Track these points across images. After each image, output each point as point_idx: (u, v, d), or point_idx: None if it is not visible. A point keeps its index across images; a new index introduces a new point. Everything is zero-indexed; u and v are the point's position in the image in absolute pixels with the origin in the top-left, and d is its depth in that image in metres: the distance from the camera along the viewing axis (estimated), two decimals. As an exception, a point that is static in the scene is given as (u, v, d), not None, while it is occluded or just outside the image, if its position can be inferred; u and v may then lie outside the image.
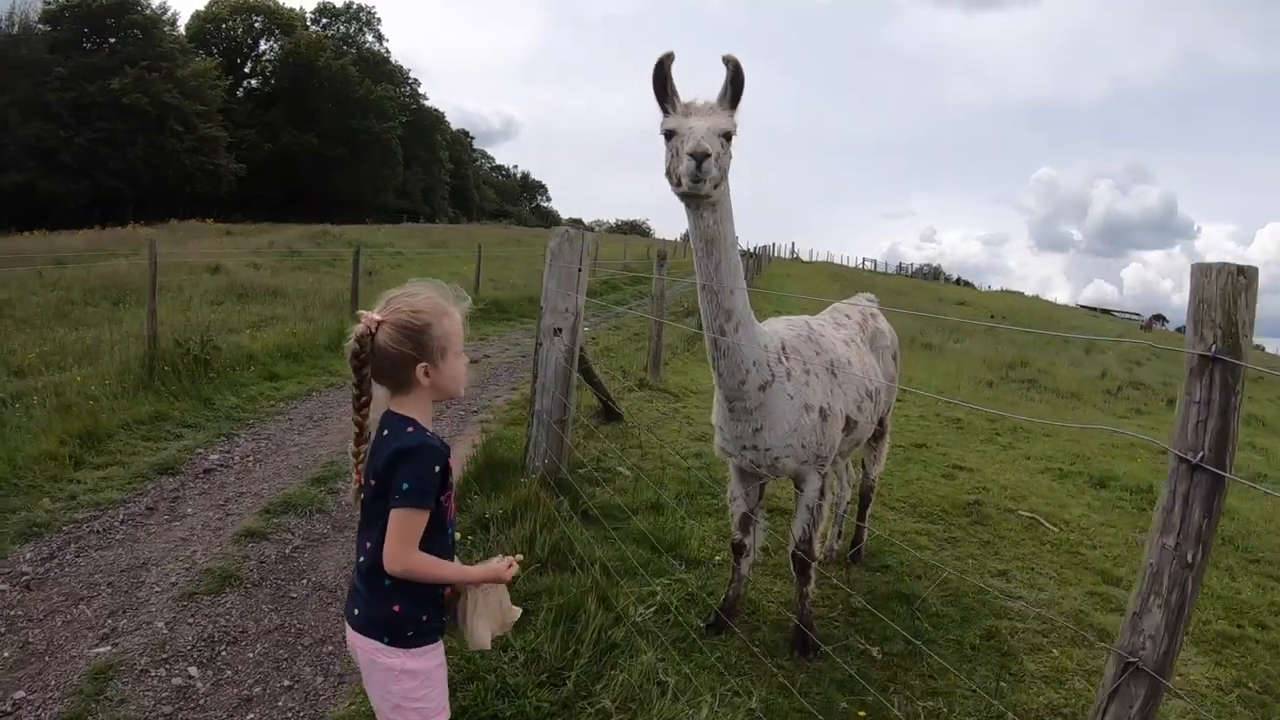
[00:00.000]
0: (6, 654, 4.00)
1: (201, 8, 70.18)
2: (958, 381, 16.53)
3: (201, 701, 3.73)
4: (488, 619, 2.50)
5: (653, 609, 4.42)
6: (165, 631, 4.29)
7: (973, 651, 4.53)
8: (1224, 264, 1.91)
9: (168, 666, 3.96)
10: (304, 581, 4.98)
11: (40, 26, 52.60)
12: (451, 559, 2.50)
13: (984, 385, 17.22)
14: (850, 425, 4.30)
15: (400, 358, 2.34)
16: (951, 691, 4.05)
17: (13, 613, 4.40)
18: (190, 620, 4.42)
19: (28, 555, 5.08)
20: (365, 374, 2.35)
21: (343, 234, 35.98)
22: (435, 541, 2.38)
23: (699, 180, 3.25)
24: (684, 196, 3.44)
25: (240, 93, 69.61)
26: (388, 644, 2.40)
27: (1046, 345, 26.06)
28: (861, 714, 3.78)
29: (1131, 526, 7.24)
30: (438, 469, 2.31)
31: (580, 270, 5.97)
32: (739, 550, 4.48)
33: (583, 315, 6.11)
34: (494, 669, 3.73)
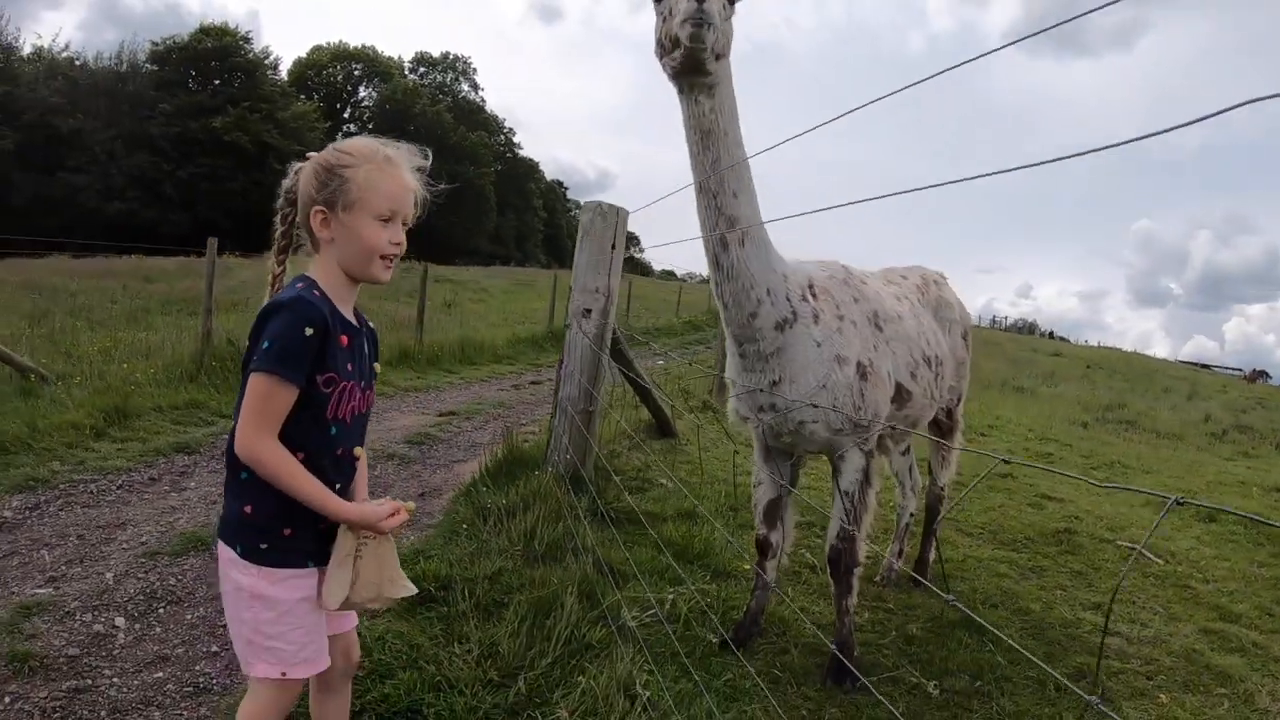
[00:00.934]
0: (-51, 582, 3.89)
1: (303, 54, 72.69)
2: (1050, 421, 15.51)
3: (114, 651, 3.41)
4: (349, 574, 1.94)
5: (651, 614, 3.73)
6: (110, 582, 4.04)
7: (1057, 694, 3.66)
8: None
9: (95, 614, 3.70)
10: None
11: (148, 65, 54.85)
12: (341, 478, 1.99)
13: (1078, 425, 16.15)
14: (903, 395, 3.51)
15: (309, 201, 1.94)
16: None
17: None
18: (140, 576, 4.14)
19: (14, 504, 5.06)
20: (290, 214, 2.03)
21: (430, 270, 36.42)
22: (310, 437, 1.88)
23: (701, 25, 2.61)
24: (681, 65, 2.78)
25: (339, 136, 71.49)
26: (239, 555, 1.89)
27: (1146, 391, 24.60)
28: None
29: (1249, 560, 6.32)
30: (309, 332, 1.81)
31: (614, 247, 5.45)
32: (764, 548, 3.68)
33: (615, 299, 5.56)
34: (436, 659, 3.13)
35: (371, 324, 2.13)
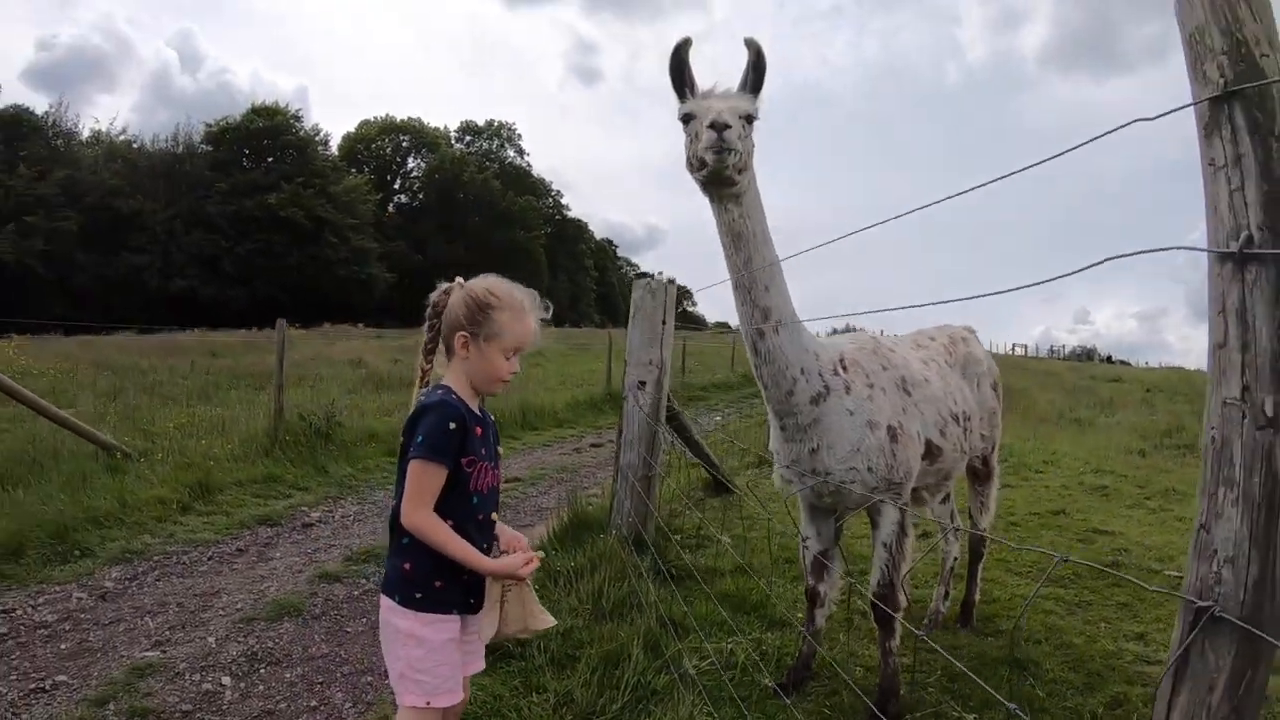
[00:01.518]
0: (64, 646, 4.35)
1: (352, 129, 74.94)
2: (1107, 452, 15.40)
3: (223, 707, 3.80)
4: (498, 614, 2.49)
5: (709, 662, 4.04)
6: (213, 645, 4.42)
7: (1093, 723, 3.86)
8: None
9: (203, 674, 4.09)
10: (363, 620, 4.92)
11: (203, 146, 57.31)
12: (484, 539, 2.48)
13: (1135, 454, 15.97)
14: (933, 452, 3.83)
15: (454, 321, 2.44)
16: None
17: (84, 616, 4.77)
18: (240, 639, 4.53)
19: (114, 574, 5.49)
20: (436, 325, 2.49)
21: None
22: (457, 508, 2.37)
23: (721, 152, 3.01)
24: (707, 180, 3.19)
25: (390, 207, 73.36)
26: (398, 603, 2.38)
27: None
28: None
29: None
30: (453, 425, 2.33)
31: (665, 322, 5.81)
32: (813, 598, 3.99)
33: (669, 370, 5.91)
34: (517, 707, 3.50)
35: (492, 416, 2.60)
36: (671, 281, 5.88)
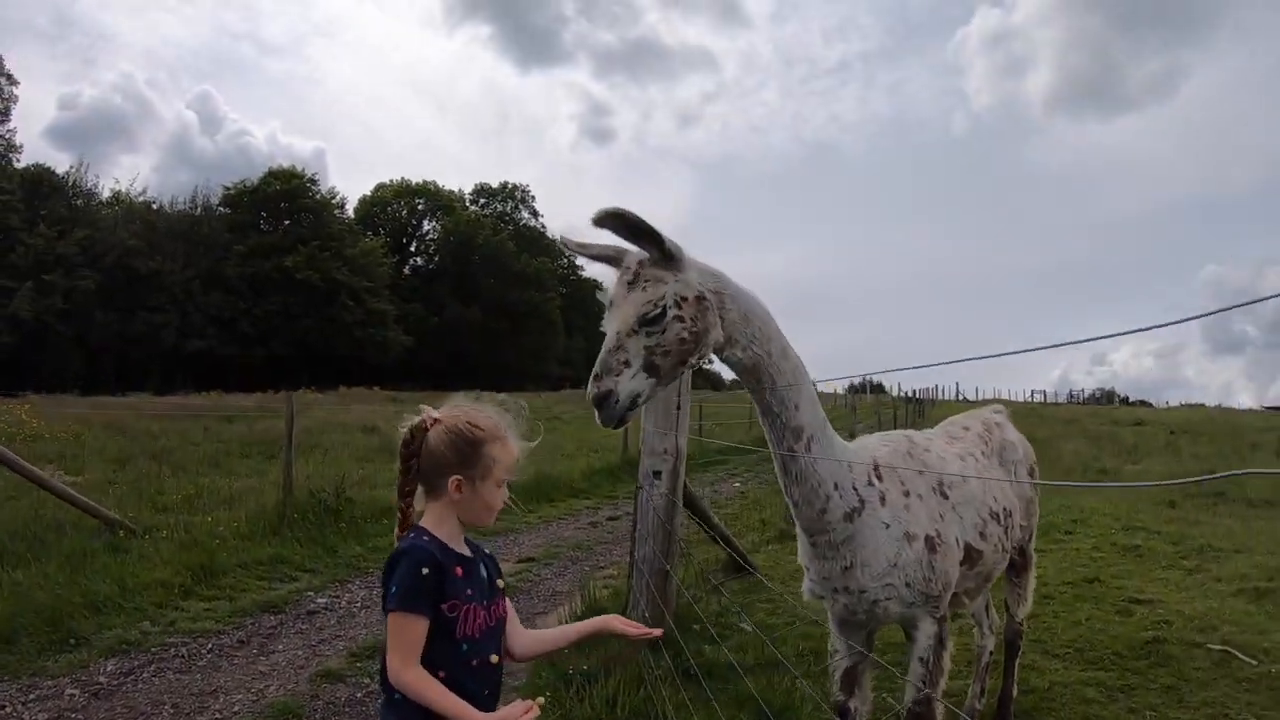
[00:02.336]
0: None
1: (368, 192, 75.77)
2: (1136, 505, 14.99)
3: None
4: None
5: None
6: None
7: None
8: None
9: None
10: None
11: (221, 208, 58.01)
12: (484, 686, 2.22)
13: (1165, 505, 15.54)
14: (973, 556, 3.55)
15: (441, 463, 2.24)
16: None
17: (73, 715, 4.60)
18: None
19: (109, 668, 5.31)
20: (412, 466, 2.28)
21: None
22: (447, 657, 2.14)
23: (610, 418, 2.65)
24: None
25: (406, 269, 73.88)
26: None
27: (1233, 453, 23.44)
28: None
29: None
30: (425, 571, 2.11)
31: (679, 408, 5.58)
32: (844, 715, 3.65)
33: (684, 456, 5.67)
34: None
35: (487, 550, 2.39)
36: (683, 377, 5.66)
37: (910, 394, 44.07)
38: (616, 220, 2.56)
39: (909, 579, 3.20)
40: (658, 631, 2.46)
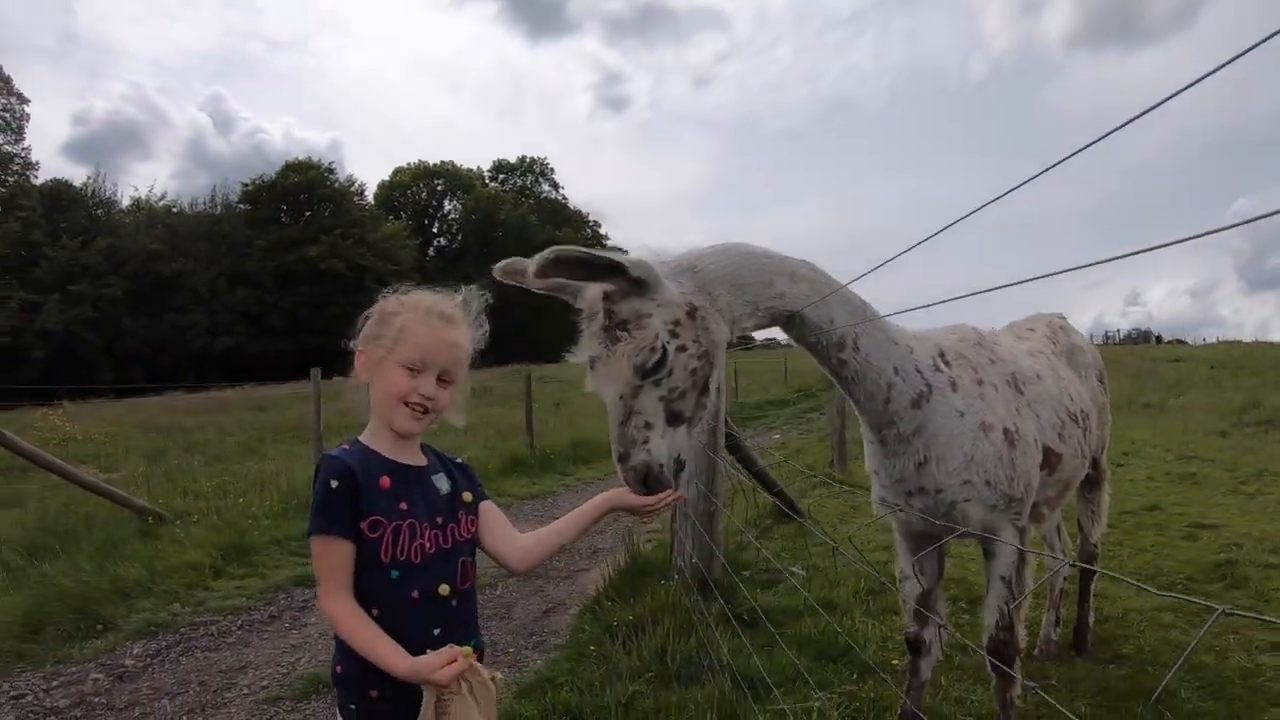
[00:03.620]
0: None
1: (386, 177, 75.70)
2: (1186, 436, 14.61)
3: None
4: None
5: None
6: None
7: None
8: None
9: None
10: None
11: (240, 205, 58.08)
12: (431, 625, 1.85)
13: (1216, 434, 15.15)
14: (1053, 460, 3.18)
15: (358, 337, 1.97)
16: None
17: (98, 700, 4.45)
18: None
19: (135, 651, 5.16)
20: None
21: (536, 371, 37.02)
22: (377, 589, 1.80)
23: (656, 481, 2.15)
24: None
25: (430, 250, 73.88)
26: (340, 713, 1.85)
27: (1277, 385, 22.90)
28: None
29: None
30: (334, 484, 1.79)
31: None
32: (915, 647, 3.32)
33: (724, 394, 5.37)
34: None
35: (458, 459, 2.07)
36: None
37: None
38: (562, 266, 2.10)
39: (989, 476, 2.84)
40: (678, 495, 2.10)
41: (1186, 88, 1.10)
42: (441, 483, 1.96)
